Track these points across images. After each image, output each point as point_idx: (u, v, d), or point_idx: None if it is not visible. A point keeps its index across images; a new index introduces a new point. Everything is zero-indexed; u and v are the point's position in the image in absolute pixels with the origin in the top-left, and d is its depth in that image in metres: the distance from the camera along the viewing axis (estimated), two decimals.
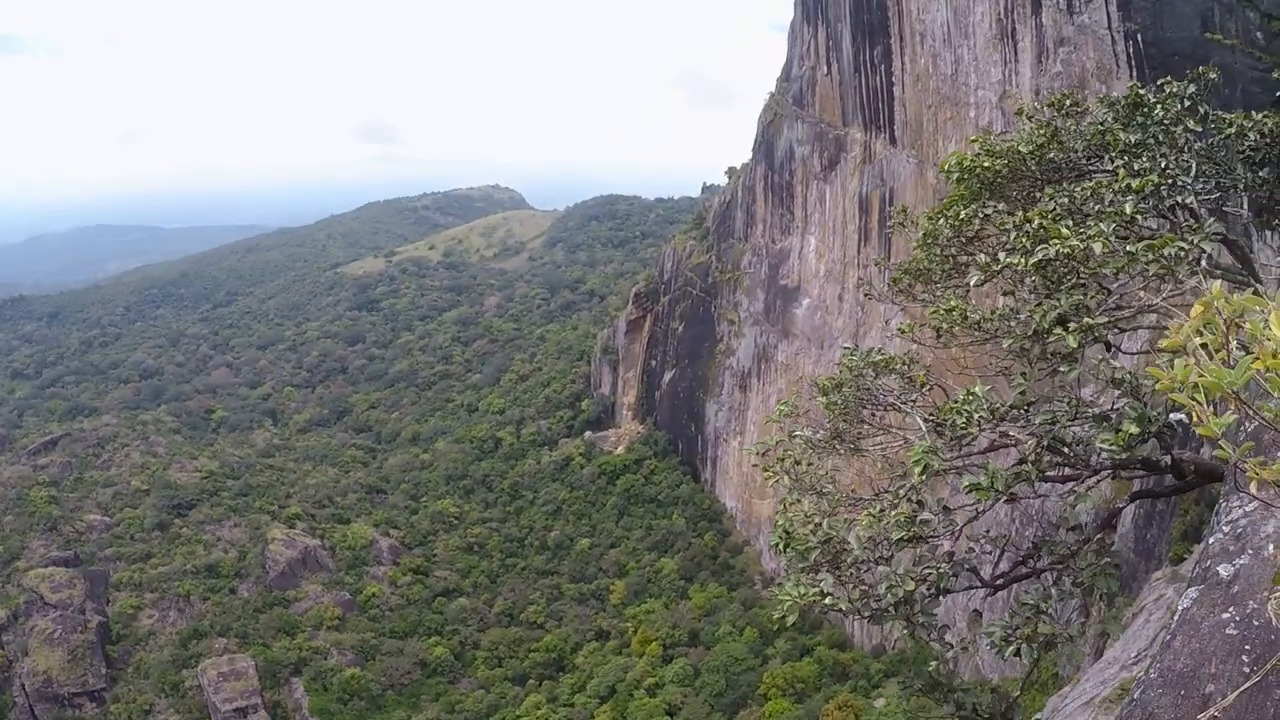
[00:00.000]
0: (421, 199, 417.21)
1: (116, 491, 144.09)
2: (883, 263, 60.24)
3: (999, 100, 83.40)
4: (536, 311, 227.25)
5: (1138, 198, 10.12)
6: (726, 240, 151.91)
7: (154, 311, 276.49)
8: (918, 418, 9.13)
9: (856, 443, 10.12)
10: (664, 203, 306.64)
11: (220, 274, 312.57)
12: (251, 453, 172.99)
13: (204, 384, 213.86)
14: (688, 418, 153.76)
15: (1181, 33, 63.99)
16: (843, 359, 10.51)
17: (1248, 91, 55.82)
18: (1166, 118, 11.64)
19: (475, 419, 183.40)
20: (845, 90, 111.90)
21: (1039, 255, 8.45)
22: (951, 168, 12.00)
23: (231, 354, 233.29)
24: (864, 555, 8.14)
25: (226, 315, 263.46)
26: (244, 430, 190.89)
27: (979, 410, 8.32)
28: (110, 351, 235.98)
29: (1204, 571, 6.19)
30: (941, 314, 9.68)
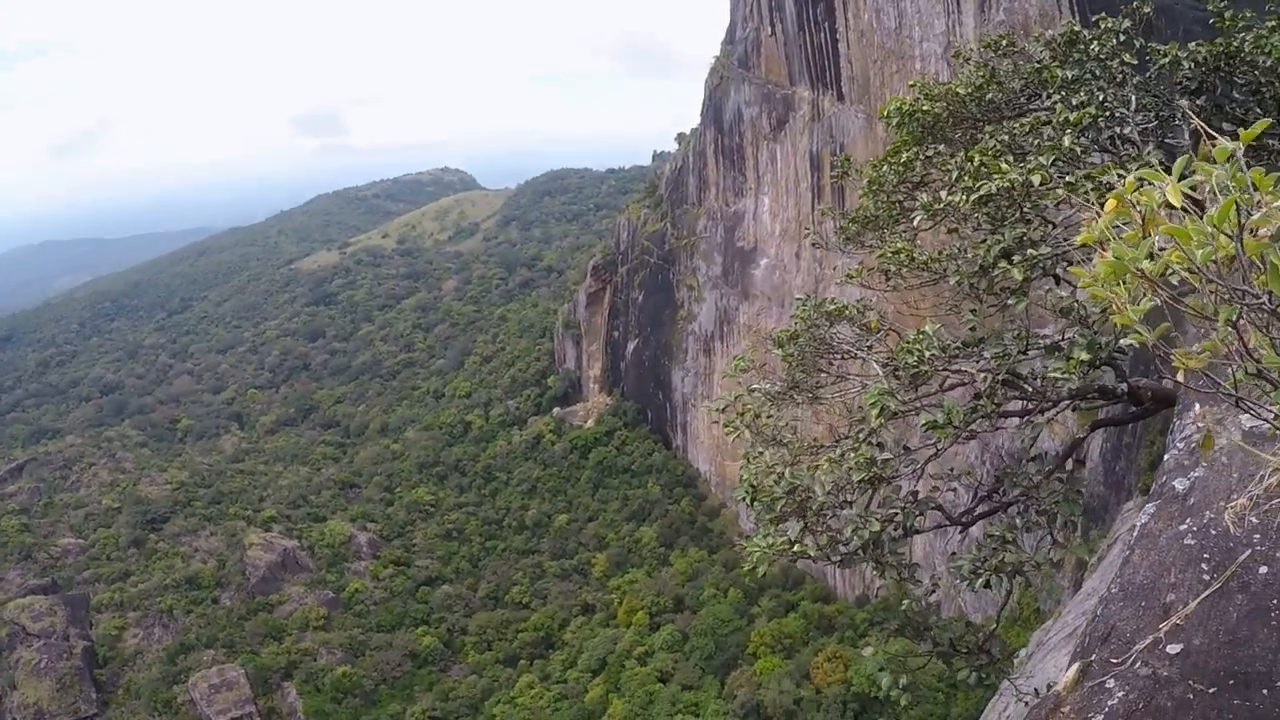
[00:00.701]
0: (371, 188, 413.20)
1: (88, 512, 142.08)
2: (830, 211, 60.47)
3: (944, 51, 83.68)
4: (495, 292, 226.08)
5: (1076, 130, 10.19)
6: (681, 206, 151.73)
7: (109, 325, 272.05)
8: (874, 363, 9.21)
9: (815, 392, 10.20)
10: (616, 173, 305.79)
11: (173, 280, 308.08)
12: (221, 459, 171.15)
13: (166, 394, 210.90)
14: (655, 386, 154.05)
15: None
16: (796, 310, 10.57)
17: (1189, 32, 56.06)
18: (1103, 53, 11.71)
19: (443, 405, 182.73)
20: (790, 49, 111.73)
21: (980, 191, 8.52)
22: (892, 113, 12.05)
23: (191, 361, 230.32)
24: (828, 501, 8.23)
25: (183, 322, 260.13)
26: (211, 437, 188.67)
27: (930, 349, 8.41)
28: (68, 370, 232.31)
29: (1160, 487, 6.33)
30: (888, 256, 9.75)
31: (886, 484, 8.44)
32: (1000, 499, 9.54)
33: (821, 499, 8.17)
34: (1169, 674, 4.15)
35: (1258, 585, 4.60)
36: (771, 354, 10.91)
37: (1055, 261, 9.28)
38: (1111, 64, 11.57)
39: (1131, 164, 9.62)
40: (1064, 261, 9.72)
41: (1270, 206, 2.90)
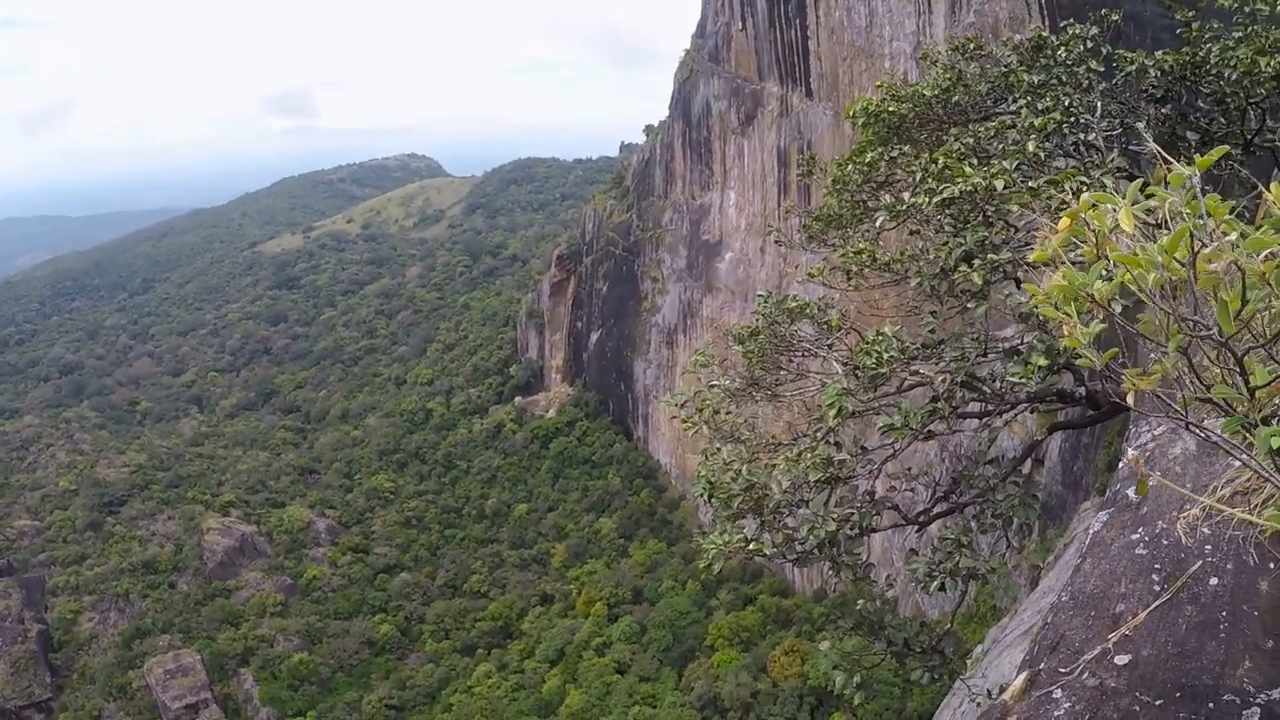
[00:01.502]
0: (337, 171, 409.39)
1: (45, 494, 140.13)
2: (794, 209, 60.59)
3: (913, 51, 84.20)
4: (459, 279, 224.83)
5: (1041, 135, 10.24)
6: (647, 198, 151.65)
7: (69, 304, 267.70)
8: (834, 362, 9.21)
9: (774, 389, 10.19)
10: (583, 164, 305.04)
11: (135, 261, 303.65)
12: (180, 442, 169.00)
13: (126, 376, 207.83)
14: (617, 377, 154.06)
15: None
16: (758, 306, 10.55)
17: (1158, 39, 56.86)
18: (1069, 58, 11.77)
19: (404, 392, 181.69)
20: (761, 45, 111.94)
21: (943, 194, 8.53)
22: (858, 113, 12.06)
23: (152, 343, 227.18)
24: (785, 499, 8.22)
25: (144, 303, 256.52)
26: (170, 420, 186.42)
27: (889, 350, 8.42)
28: (27, 349, 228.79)
29: (1114, 495, 6.37)
30: (850, 256, 9.75)
31: (843, 484, 8.45)
32: (957, 499, 9.58)
33: (778, 497, 8.16)
34: (1116, 685, 4.16)
35: (1208, 597, 4.61)
36: (732, 350, 10.89)
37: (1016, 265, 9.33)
38: (1078, 70, 11.64)
39: (1095, 170, 9.69)
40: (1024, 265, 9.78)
41: (1221, 241, 2.88)
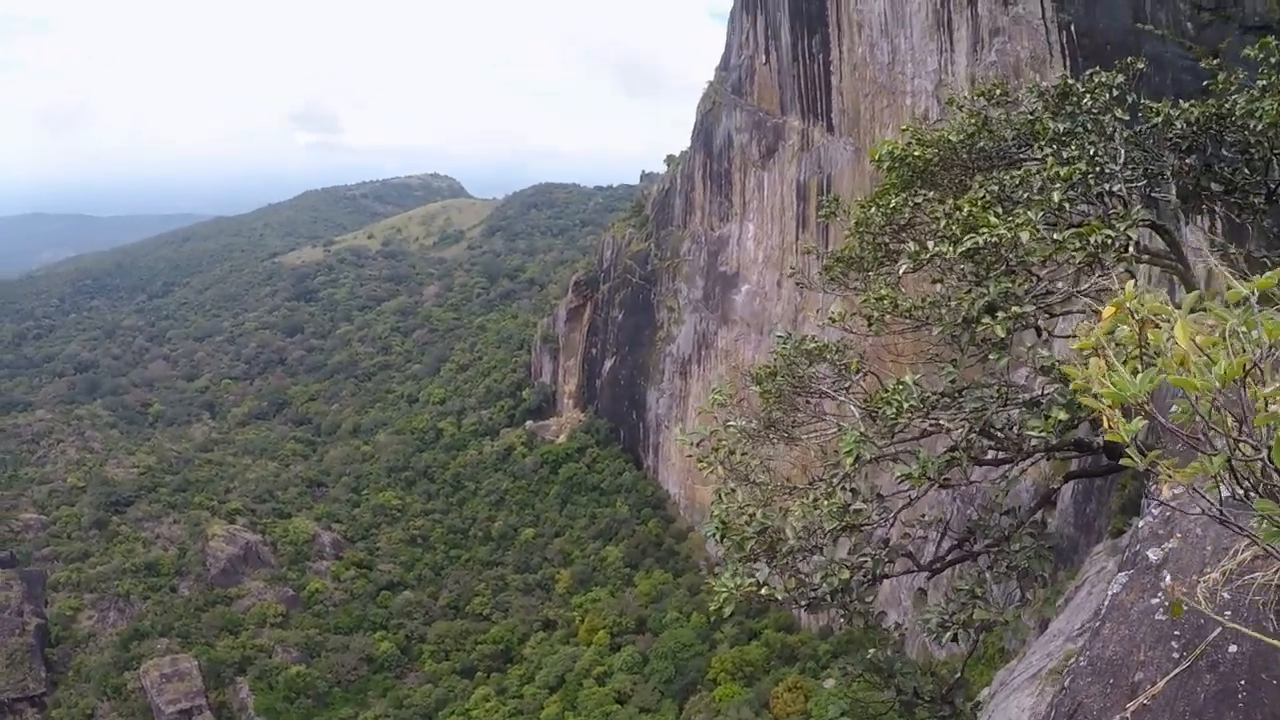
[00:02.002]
0: (360, 188, 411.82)
1: (52, 489, 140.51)
2: (815, 249, 60.78)
3: (935, 89, 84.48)
4: (476, 300, 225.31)
5: (1066, 185, 10.22)
6: (666, 228, 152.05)
7: (89, 303, 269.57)
8: (851, 405, 9.16)
9: (791, 431, 10.14)
10: (603, 191, 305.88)
11: (156, 264, 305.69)
12: (190, 447, 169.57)
13: (140, 377, 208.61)
14: (629, 405, 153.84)
15: (1114, 23, 65.23)
16: (776, 347, 10.51)
17: (1178, 80, 57.17)
18: (1095, 107, 11.78)
19: (416, 410, 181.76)
20: (784, 79, 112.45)
21: (967, 244, 8.51)
22: (883, 157, 12.05)
23: (168, 346, 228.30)
24: (799, 544, 8.16)
25: (163, 306, 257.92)
26: (182, 424, 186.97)
27: (909, 400, 8.37)
28: (44, 344, 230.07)
29: (1134, 556, 6.27)
30: (873, 302, 9.72)
31: (858, 531, 8.38)
32: (970, 548, 9.49)
33: (792, 542, 8.11)
34: None
35: (1227, 665, 4.52)
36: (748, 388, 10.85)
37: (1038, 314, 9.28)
38: (1103, 118, 11.63)
39: (1119, 222, 9.65)
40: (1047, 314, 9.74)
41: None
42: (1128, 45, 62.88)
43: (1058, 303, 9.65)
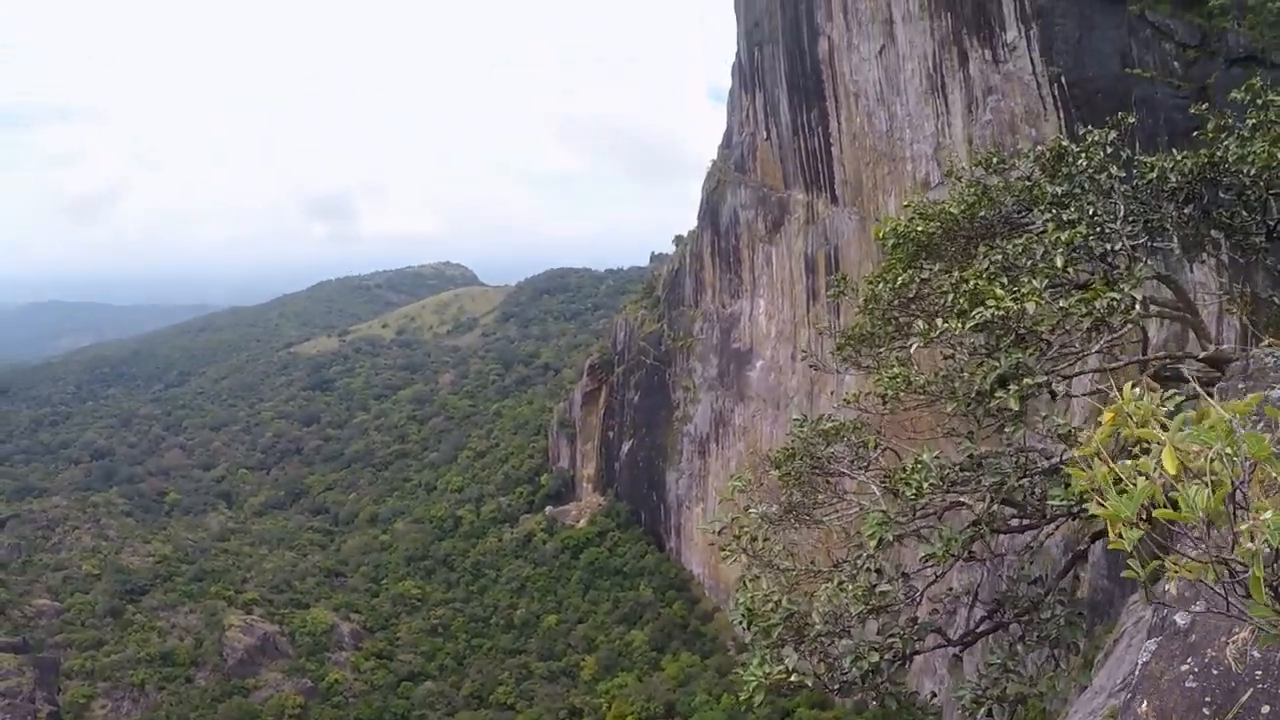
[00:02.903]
0: (374, 277, 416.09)
1: (67, 575, 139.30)
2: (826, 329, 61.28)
3: (934, 152, 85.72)
4: (491, 387, 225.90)
5: (1068, 249, 10.34)
6: (677, 308, 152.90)
7: (105, 391, 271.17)
8: (872, 484, 9.17)
9: (812, 513, 10.12)
10: (614, 274, 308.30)
11: (173, 353, 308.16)
12: (206, 536, 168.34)
13: (156, 466, 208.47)
14: (648, 487, 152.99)
15: (1103, 70, 66.43)
16: (793, 429, 10.56)
17: (1170, 119, 58.06)
18: (1091, 166, 11.96)
19: (434, 498, 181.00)
20: (785, 153, 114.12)
21: (975, 319, 8.60)
22: (886, 235, 12.23)
23: (184, 435, 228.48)
24: (826, 629, 8.11)
25: (179, 395, 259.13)
26: (198, 513, 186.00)
27: (928, 479, 8.38)
28: (61, 431, 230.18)
29: (1161, 621, 6.22)
30: (886, 381, 9.79)
31: (885, 612, 8.33)
32: (1001, 618, 9.40)
33: (820, 627, 8.06)
34: None
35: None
36: (768, 472, 10.86)
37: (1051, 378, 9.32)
38: (1100, 177, 11.80)
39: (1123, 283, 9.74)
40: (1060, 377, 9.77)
41: (1260, 520, 3.06)
42: (1118, 91, 64.01)
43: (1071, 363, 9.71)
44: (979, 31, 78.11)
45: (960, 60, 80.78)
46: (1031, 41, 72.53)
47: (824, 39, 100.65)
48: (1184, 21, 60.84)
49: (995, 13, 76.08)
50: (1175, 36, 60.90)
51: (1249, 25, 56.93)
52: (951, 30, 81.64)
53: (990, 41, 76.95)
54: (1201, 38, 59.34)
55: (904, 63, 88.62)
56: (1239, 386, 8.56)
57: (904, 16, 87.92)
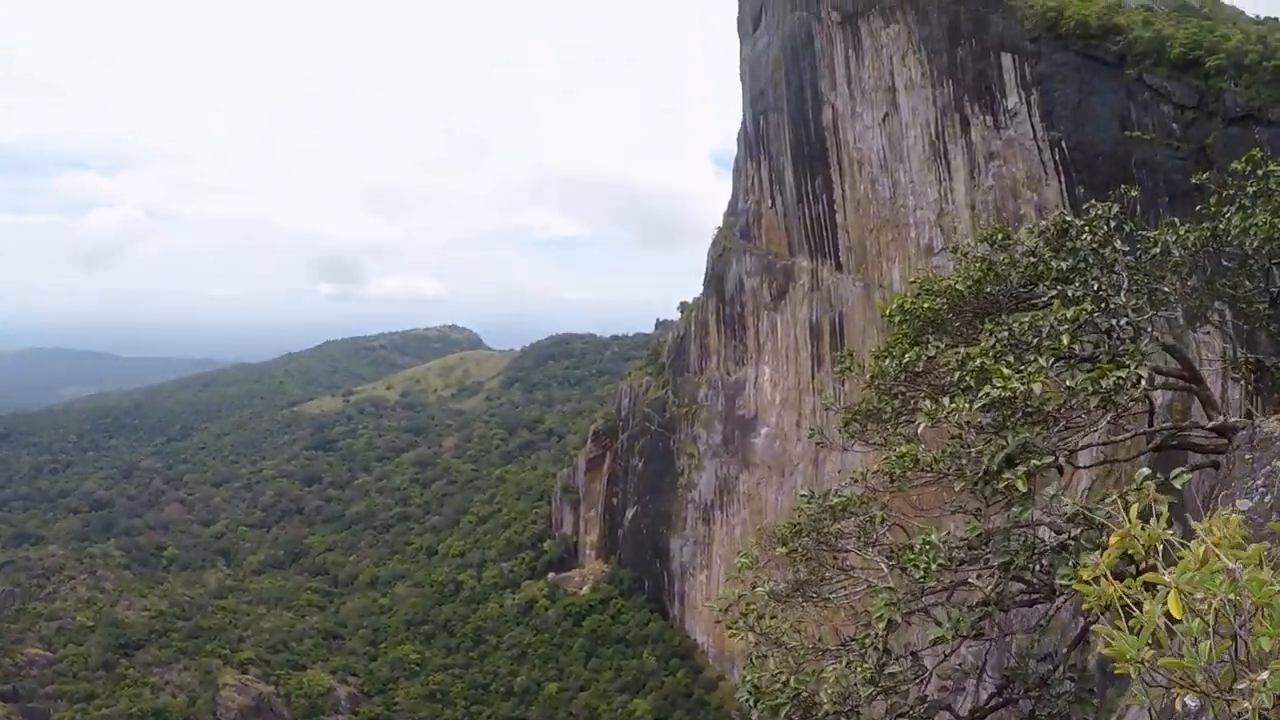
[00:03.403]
0: (379, 338, 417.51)
1: (60, 626, 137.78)
2: (832, 404, 61.57)
3: (937, 218, 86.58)
4: (495, 452, 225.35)
5: (1074, 325, 10.43)
6: (682, 374, 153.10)
7: (107, 441, 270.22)
8: (879, 561, 9.16)
9: (819, 590, 10.09)
10: (619, 340, 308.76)
11: (176, 407, 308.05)
12: (203, 593, 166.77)
13: (156, 519, 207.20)
14: (652, 554, 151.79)
15: (1102, 134, 67.44)
16: (799, 505, 10.57)
17: (1170, 180, 58.81)
18: (1095, 240, 12.10)
19: (435, 562, 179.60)
20: (790, 221, 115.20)
21: (982, 399, 8.66)
22: (893, 311, 12.35)
23: (185, 490, 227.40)
24: (834, 709, 8.05)
25: (181, 449, 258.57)
26: (196, 569, 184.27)
27: (936, 559, 8.38)
28: (60, 479, 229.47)
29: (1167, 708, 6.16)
30: (894, 460, 9.82)
31: (894, 693, 8.27)
32: (1011, 694, 9.32)
33: (827, 707, 8.00)
34: None
35: None
36: (774, 550, 10.84)
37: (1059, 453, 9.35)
38: (1104, 251, 11.92)
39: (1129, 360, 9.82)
40: (1067, 454, 9.80)
41: (1256, 679, 3.22)
42: (1118, 154, 64.96)
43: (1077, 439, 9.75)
44: (980, 98, 79.41)
45: (962, 127, 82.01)
46: (1032, 107, 73.77)
47: (828, 107, 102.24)
48: (1181, 83, 62.00)
49: (996, 79, 77.48)
50: (1173, 98, 61.98)
51: (1245, 85, 57.87)
52: (953, 97, 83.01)
53: (991, 108, 78.24)
54: (1199, 99, 60.35)
55: (907, 130, 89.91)
56: (1245, 457, 8.59)
57: (906, 84, 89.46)
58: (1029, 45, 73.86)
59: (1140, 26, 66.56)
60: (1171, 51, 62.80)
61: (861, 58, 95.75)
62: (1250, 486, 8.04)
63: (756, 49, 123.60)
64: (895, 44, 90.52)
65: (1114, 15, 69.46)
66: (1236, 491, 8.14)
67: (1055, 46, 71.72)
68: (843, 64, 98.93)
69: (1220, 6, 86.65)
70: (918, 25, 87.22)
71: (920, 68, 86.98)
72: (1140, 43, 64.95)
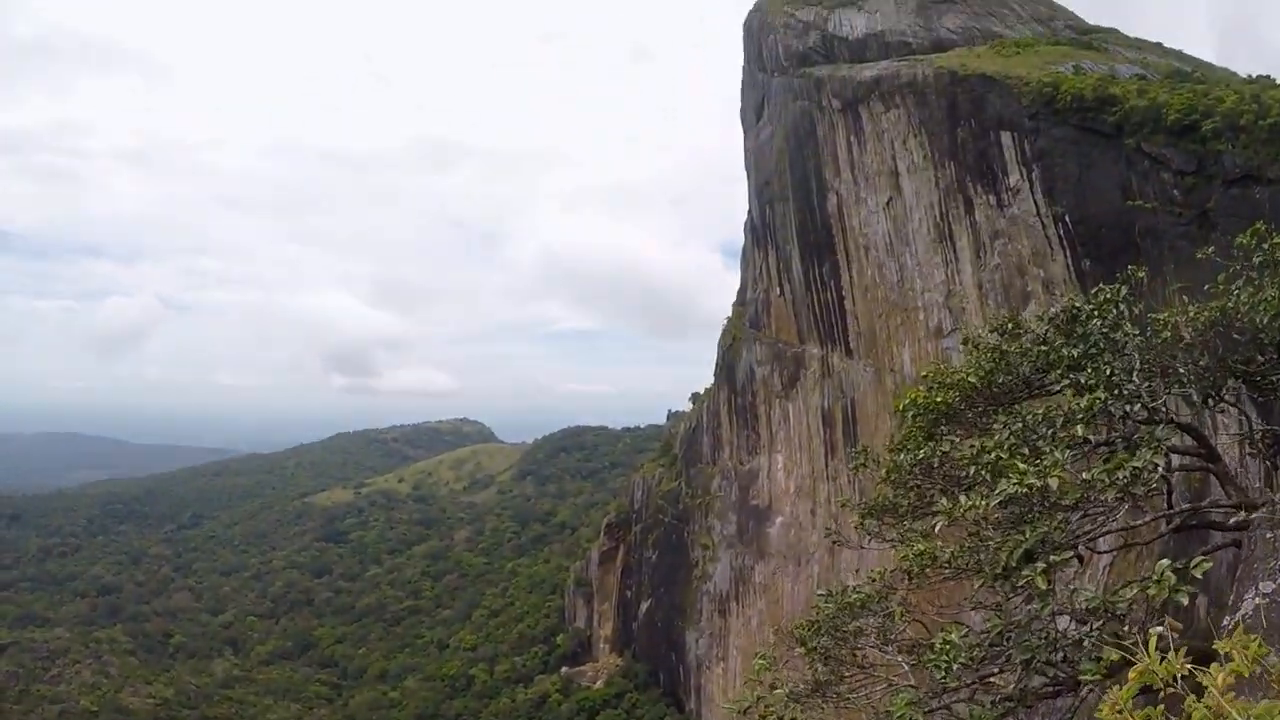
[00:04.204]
0: (391, 431, 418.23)
1: (64, 709, 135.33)
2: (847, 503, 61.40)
3: (945, 300, 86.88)
4: (507, 545, 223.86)
5: (1088, 414, 10.43)
6: (695, 465, 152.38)
7: (117, 526, 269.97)
8: (899, 658, 9.05)
9: (839, 690, 9.94)
10: (631, 432, 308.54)
11: (187, 494, 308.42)
12: (210, 682, 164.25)
13: (163, 606, 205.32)
14: (667, 647, 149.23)
15: (1105, 205, 67.74)
16: (818, 603, 10.48)
17: (1174, 246, 58.76)
18: (1105, 325, 12.15)
19: (446, 655, 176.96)
20: (799, 308, 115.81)
21: (998, 496, 8.65)
22: (906, 406, 12.40)
23: (194, 578, 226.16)
24: None
25: (191, 538, 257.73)
26: (203, 658, 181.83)
27: (957, 659, 8.28)
28: (69, 562, 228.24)
29: None
30: (912, 558, 9.77)
31: None
32: None
33: None
34: None
35: None
36: (793, 650, 10.71)
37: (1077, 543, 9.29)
38: (1115, 335, 11.96)
39: (1145, 449, 9.80)
40: (1086, 544, 9.73)
41: None
42: (1121, 224, 65.16)
43: (1096, 528, 9.68)
44: (982, 177, 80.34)
45: (966, 207, 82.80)
46: (1034, 184, 74.47)
47: (832, 194, 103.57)
48: (1179, 149, 62.38)
49: (997, 158, 78.45)
50: (1172, 165, 62.35)
51: (1243, 145, 58.06)
52: (955, 178, 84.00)
53: (994, 187, 79.07)
54: (1198, 163, 60.60)
55: (911, 213, 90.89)
56: (1266, 536, 8.52)
57: (909, 168, 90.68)
58: (1027, 122, 74.87)
59: (1135, 95, 67.20)
60: (1168, 118, 63.15)
61: (863, 143, 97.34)
62: (1273, 567, 7.97)
63: (760, 139, 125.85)
64: (896, 128, 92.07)
65: (1109, 86, 70.29)
66: (1259, 573, 8.07)
67: (1053, 121, 72.59)
68: (845, 150, 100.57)
69: (1212, 69, 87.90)
70: (917, 108, 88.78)
71: (921, 150, 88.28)
72: (1136, 111, 65.47)
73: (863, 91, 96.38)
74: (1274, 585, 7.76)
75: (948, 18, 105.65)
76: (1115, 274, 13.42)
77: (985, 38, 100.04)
